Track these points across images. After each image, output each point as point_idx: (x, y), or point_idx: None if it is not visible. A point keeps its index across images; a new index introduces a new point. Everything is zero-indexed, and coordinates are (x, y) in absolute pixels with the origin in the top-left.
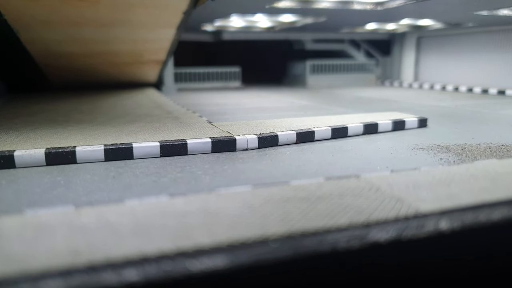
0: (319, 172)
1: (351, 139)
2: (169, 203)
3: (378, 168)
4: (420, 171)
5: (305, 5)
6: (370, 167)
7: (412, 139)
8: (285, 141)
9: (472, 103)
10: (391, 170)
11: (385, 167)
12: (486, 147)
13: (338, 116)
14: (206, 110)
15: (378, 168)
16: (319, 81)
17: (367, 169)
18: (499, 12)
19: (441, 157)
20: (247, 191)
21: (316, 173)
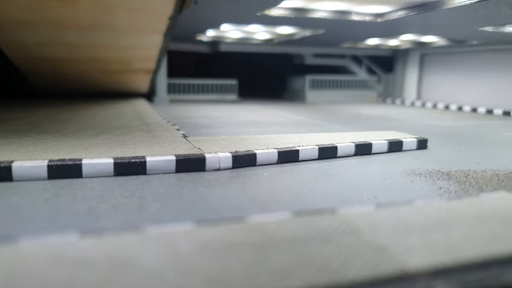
0: (294, 201)
1: (341, 160)
2: (70, 246)
3: (365, 198)
4: (413, 206)
5: (300, 13)
6: (355, 197)
7: (410, 162)
8: (264, 160)
9: (477, 124)
10: (376, 204)
11: (373, 197)
12: (493, 174)
13: (329, 134)
14: (192, 123)
15: (364, 198)
16: (318, 97)
17: (352, 199)
18: (504, 29)
19: (441, 185)
20: (180, 232)
21: (291, 202)
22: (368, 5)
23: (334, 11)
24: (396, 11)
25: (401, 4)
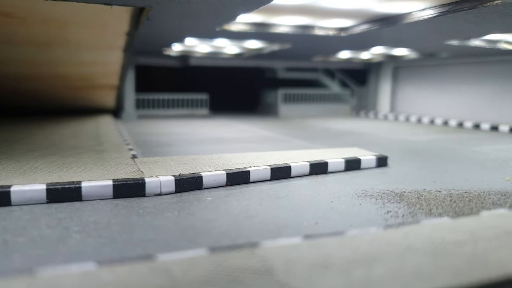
0: (227, 232)
1: (294, 181)
2: None
3: (305, 224)
4: (344, 237)
5: (261, 28)
6: (295, 223)
7: (365, 182)
8: (211, 183)
9: (445, 138)
10: (305, 236)
11: (314, 223)
12: (447, 194)
13: (286, 153)
14: (153, 140)
15: (305, 225)
16: (291, 111)
17: (290, 226)
18: (470, 43)
19: (390, 209)
20: (75, 275)
21: (223, 233)
22: (330, 19)
23: (297, 26)
24: (359, 25)
25: (363, 19)
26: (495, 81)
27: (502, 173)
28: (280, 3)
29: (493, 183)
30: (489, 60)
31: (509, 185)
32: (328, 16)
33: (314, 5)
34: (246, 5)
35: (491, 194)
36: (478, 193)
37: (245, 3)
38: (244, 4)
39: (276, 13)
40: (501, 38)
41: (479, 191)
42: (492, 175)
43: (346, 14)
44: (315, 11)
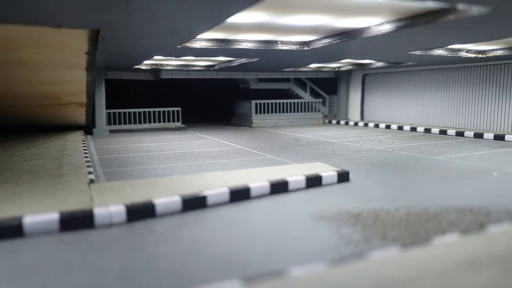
0: (174, 270)
1: (254, 202)
2: None
3: (254, 257)
4: (284, 279)
5: (224, 45)
6: (245, 257)
7: (324, 201)
8: (166, 210)
9: (412, 146)
10: (244, 279)
11: (263, 255)
12: (405, 214)
13: (248, 171)
14: (120, 158)
15: (254, 258)
16: (264, 121)
17: (240, 261)
18: (433, 52)
19: (344, 233)
20: None
21: (169, 272)
22: (292, 35)
23: (260, 41)
24: (321, 39)
25: (325, 33)
26: (460, 87)
27: (463, 185)
28: (239, 22)
29: (453, 198)
30: (454, 66)
31: (467, 200)
32: (289, 33)
33: (273, 22)
34: (201, 27)
35: (449, 212)
36: (437, 211)
37: (199, 25)
38: (198, 26)
39: (237, 31)
40: (463, 47)
41: (438, 208)
42: (453, 188)
43: (306, 30)
44: (274, 29)
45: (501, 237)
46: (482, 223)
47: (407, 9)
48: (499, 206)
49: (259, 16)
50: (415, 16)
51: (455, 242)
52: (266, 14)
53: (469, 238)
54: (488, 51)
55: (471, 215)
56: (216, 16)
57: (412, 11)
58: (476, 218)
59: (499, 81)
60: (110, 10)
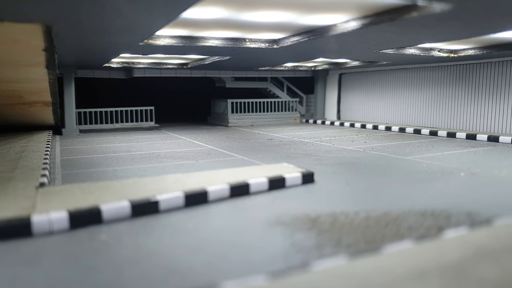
0: (105, 285)
1: (211, 207)
2: None
3: (196, 268)
4: None
5: (190, 42)
6: (186, 268)
7: (284, 204)
8: (113, 216)
9: (384, 146)
10: None
11: (207, 265)
12: (364, 218)
13: (210, 173)
14: (82, 159)
15: (194, 269)
16: (241, 120)
17: (180, 273)
18: (405, 51)
19: (297, 239)
20: None
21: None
22: (259, 32)
23: (226, 39)
24: (289, 37)
25: (293, 31)
26: (434, 86)
27: (429, 187)
28: (199, 18)
29: (417, 200)
30: (429, 66)
31: (431, 202)
32: (255, 30)
33: (235, 19)
34: (156, 22)
35: (410, 215)
36: (398, 214)
37: (153, 21)
38: (153, 22)
39: (202, 28)
40: (434, 46)
41: (399, 211)
42: (419, 189)
43: (272, 27)
44: (238, 25)
45: (454, 244)
46: (441, 227)
47: (371, 6)
48: (461, 208)
49: (219, 12)
50: (380, 13)
51: (408, 250)
52: (226, 10)
53: (422, 246)
54: (460, 51)
55: (431, 219)
56: (168, 11)
57: (377, 8)
58: (436, 222)
59: (471, 81)
60: (51, 3)
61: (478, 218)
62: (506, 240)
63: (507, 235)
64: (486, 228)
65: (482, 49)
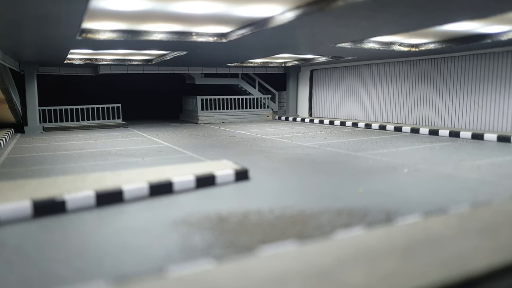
0: None
1: (124, 206)
2: None
3: (65, 275)
4: None
5: (132, 36)
6: (57, 279)
7: (203, 203)
8: (12, 217)
9: (342, 142)
10: None
11: (79, 272)
12: (276, 217)
13: (138, 171)
14: (28, 158)
15: (64, 276)
16: (211, 117)
17: (39, 278)
18: (363, 45)
19: (192, 240)
20: None
21: None
22: (202, 25)
23: (171, 32)
24: (234, 31)
25: (237, 24)
26: (400, 81)
27: (363, 184)
28: (117, 9)
29: (343, 197)
30: (397, 60)
31: (355, 200)
32: (194, 23)
33: (164, 10)
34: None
35: (326, 213)
36: (313, 212)
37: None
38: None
39: (139, 20)
40: (394, 40)
41: (317, 209)
42: (351, 187)
43: (209, 19)
44: (171, 17)
45: (339, 245)
46: (350, 224)
47: None
48: (383, 206)
49: (143, 3)
50: (310, 3)
51: (289, 252)
52: (150, 1)
53: (304, 248)
54: (421, 45)
55: (346, 217)
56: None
57: None
58: (349, 220)
59: (436, 76)
60: None
61: (395, 216)
62: (393, 242)
63: (399, 236)
64: (384, 228)
65: (442, 43)
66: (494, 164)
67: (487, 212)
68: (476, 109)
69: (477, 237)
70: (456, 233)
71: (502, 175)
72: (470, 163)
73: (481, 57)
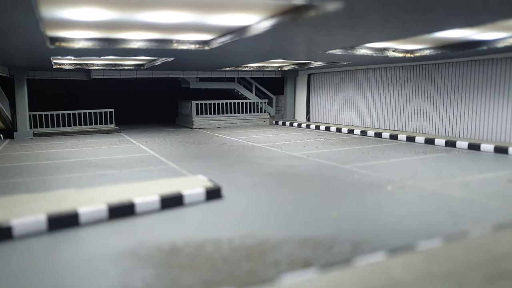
0: None
1: (79, 231)
2: None
3: None
4: None
5: (109, 44)
6: None
7: (161, 229)
8: None
9: (333, 152)
10: None
11: None
12: (234, 247)
13: (103, 189)
14: (4, 168)
15: None
16: (207, 122)
17: None
18: (355, 52)
19: (132, 278)
20: None
21: None
22: (185, 33)
23: (150, 40)
24: (216, 38)
25: (218, 32)
26: (397, 87)
27: (341, 204)
28: (78, 19)
29: (315, 222)
30: (395, 66)
31: (323, 226)
32: (183, 30)
33: (125, 20)
34: (29, 22)
35: (289, 244)
36: (276, 242)
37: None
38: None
39: (116, 29)
40: (387, 46)
41: (281, 238)
42: (328, 207)
43: (183, 28)
44: (137, 26)
45: None
46: (308, 263)
47: (274, 6)
48: (353, 236)
49: (106, 13)
50: (284, 13)
51: None
52: (112, 11)
53: None
54: (416, 51)
55: (309, 249)
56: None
57: (279, 8)
58: (312, 254)
59: (434, 81)
60: None
61: (362, 250)
62: None
63: (352, 282)
64: (340, 271)
65: (437, 49)
66: (485, 181)
67: (459, 249)
68: (474, 117)
69: (441, 286)
70: (418, 280)
71: (491, 194)
72: (460, 179)
73: (480, 63)
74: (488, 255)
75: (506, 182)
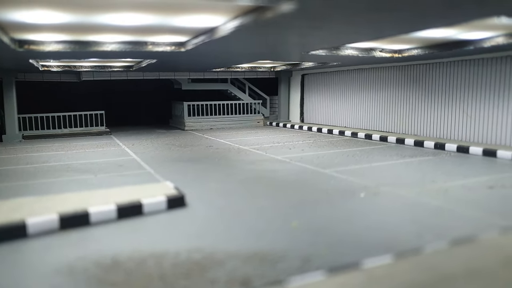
0: None
1: (26, 243)
2: None
3: None
4: None
5: (81, 47)
6: None
7: (108, 241)
8: None
9: (317, 155)
10: None
11: None
12: (178, 262)
13: (62, 197)
14: None
15: None
16: (199, 123)
17: None
18: (340, 52)
19: None
20: None
21: None
22: (160, 35)
23: (124, 42)
24: (190, 40)
25: (191, 34)
26: (389, 87)
27: (304, 212)
28: (42, 23)
29: (272, 233)
30: (389, 65)
31: (279, 238)
32: (158, 32)
33: (82, 22)
34: None
35: (235, 258)
36: (223, 255)
37: None
38: None
39: (95, 32)
40: (374, 46)
41: (228, 252)
42: (292, 217)
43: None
44: (97, 29)
45: None
46: (248, 280)
47: (233, 7)
48: (308, 249)
49: (63, 16)
50: (246, 14)
51: None
52: (68, 14)
53: None
54: (404, 50)
55: (254, 265)
56: None
57: (240, 9)
58: (254, 271)
59: (426, 82)
60: None
61: (309, 266)
62: None
63: None
64: None
65: (425, 49)
66: (465, 187)
67: (407, 267)
68: (465, 118)
69: None
70: None
71: (466, 203)
72: (439, 185)
73: (471, 63)
74: (437, 274)
75: (487, 188)
